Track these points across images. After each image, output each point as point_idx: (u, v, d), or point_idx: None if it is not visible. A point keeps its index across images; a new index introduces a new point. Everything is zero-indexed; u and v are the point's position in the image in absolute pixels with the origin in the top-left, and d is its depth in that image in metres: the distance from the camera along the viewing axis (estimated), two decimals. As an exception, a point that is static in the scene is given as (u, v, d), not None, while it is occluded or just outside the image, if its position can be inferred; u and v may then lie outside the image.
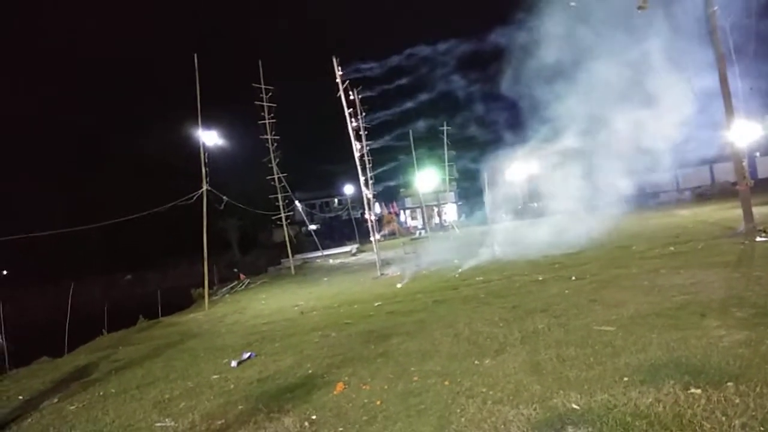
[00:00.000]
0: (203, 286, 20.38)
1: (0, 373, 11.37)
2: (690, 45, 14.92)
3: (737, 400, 4.09)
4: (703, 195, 23.05)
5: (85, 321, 16.79)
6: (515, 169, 48.04)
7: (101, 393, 7.87)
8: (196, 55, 19.93)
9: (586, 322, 7.32)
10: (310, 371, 7.16)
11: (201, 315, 17.52)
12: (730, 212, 17.08)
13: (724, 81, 13.80)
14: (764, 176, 35.02)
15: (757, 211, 14.48)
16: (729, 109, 13.86)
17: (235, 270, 29.56)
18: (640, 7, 14.01)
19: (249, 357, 8.67)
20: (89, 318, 17.53)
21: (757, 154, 38.24)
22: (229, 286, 25.85)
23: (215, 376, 7.76)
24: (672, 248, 13.55)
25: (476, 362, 6.27)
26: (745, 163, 14.03)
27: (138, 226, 24.52)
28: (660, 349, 5.60)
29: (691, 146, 18.18)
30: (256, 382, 7.09)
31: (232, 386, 7.07)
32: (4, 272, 45.16)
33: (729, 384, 4.40)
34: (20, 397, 8.43)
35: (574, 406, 4.47)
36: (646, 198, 22.96)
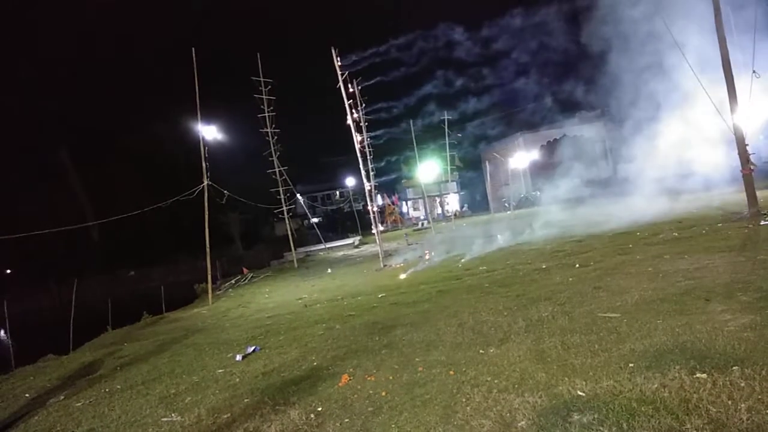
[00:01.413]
0: (206, 281, 20.40)
1: (6, 371, 11.43)
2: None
3: (743, 384, 4.07)
4: (704, 182, 23.01)
5: (90, 318, 16.85)
6: (517, 157, 47.97)
7: (107, 389, 7.89)
8: (194, 50, 19.89)
9: (590, 309, 7.30)
10: (315, 364, 7.16)
11: (205, 310, 17.56)
12: (734, 197, 17.02)
13: (726, 64, 13.69)
14: (770, 160, 34.66)
15: (761, 195, 14.40)
16: (732, 93, 13.76)
17: (245, 268, 29.54)
18: None
19: (254, 351, 8.68)
20: (93, 315, 17.58)
21: (761, 137, 37.90)
22: (232, 281, 25.88)
23: (220, 371, 7.78)
24: (676, 233, 13.50)
25: (481, 351, 6.26)
26: (749, 147, 13.91)
27: (141, 222, 24.58)
28: (665, 334, 5.58)
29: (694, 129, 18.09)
30: (261, 375, 7.09)
31: (237, 380, 7.08)
32: (8, 271, 45.31)
33: (735, 368, 4.38)
34: (26, 395, 8.46)
35: (580, 393, 4.46)
36: (648, 184, 22.98)
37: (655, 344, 5.33)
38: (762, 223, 12.57)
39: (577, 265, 11.43)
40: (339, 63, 20.41)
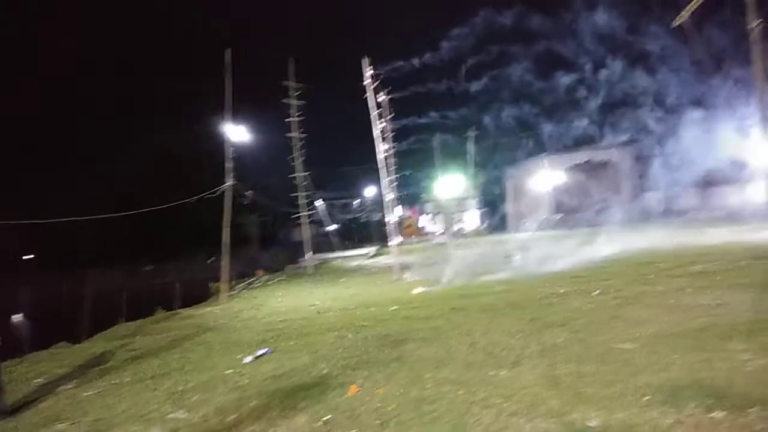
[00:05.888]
0: (221, 280, 20.50)
1: (20, 355, 11.57)
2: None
3: (760, 427, 3.96)
4: (732, 215, 22.50)
5: (105, 308, 17.04)
6: (540, 178, 47.62)
7: (116, 381, 7.96)
8: (228, 51, 20.07)
9: (606, 338, 7.17)
10: (324, 371, 7.14)
11: (217, 309, 17.64)
12: (761, 233, 16.69)
13: (763, 96, 13.51)
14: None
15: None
16: (766, 122, 13.55)
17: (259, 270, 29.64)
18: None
19: (264, 353, 8.69)
20: (108, 305, 17.78)
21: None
22: (246, 282, 26.00)
23: (230, 371, 7.79)
24: (699, 267, 13.24)
25: (492, 373, 6.18)
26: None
27: (161, 217, 24.86)
28: (682, 370, 5.46)
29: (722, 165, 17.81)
30: (270, 378, 7.09)
31: (246, 381, 7.08)
32: (31, 256, 46.08)
33: (753, 409, 4.26)
34: (37, 381, 8.56)
35: (593, 424, 4.37)
36: (674, 215, 22.66)
37: (672, 379, 5.22)
38: (788, 262, 12.28)
39: (596, 292, 11.26)
40: (370, 72, 20.48)
